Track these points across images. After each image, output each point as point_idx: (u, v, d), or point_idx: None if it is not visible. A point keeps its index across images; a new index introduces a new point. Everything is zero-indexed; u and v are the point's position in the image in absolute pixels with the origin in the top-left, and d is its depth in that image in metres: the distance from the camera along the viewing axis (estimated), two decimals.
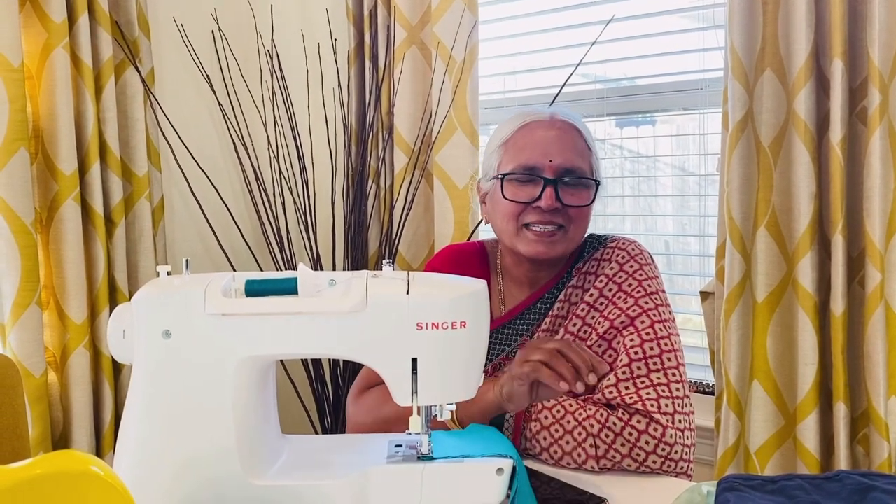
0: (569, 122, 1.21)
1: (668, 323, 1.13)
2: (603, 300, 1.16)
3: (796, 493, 0.78)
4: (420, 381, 0.80)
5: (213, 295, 0.77)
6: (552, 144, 1.18)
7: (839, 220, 1.45)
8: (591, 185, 1.20)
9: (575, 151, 1.19)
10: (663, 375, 1.07)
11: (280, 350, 0.79)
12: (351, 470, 0.81)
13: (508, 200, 1.19)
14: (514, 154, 1.21)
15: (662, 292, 1.17)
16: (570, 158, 1.18)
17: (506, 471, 0.83)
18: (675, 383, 1.07)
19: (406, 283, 0.80)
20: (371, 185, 2.12)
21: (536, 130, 1.20)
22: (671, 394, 1.06)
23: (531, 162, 1.18)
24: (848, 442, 1.48)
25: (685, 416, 1.06)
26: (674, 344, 1.11)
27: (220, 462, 0.77)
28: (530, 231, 1.19)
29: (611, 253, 1.21)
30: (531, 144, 1.19)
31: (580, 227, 1.21)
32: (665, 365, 1.08)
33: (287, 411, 2.13)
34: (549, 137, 1.19)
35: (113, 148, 1.82)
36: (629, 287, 1.15)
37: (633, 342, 1.10)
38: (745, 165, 1.58)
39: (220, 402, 0.77)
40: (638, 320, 1.12)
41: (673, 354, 1.10)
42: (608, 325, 1.13)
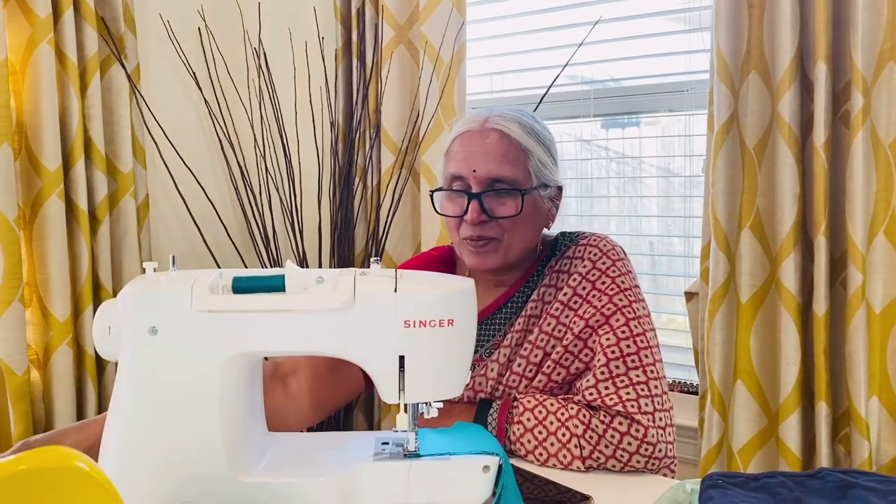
0: (499, 128, 1.17)
1: (643, 319, 1.13)
2: (577, 298, 1.16)
3: (779, 490, 0.79)
4: (407, 379, 0.80)
5: (200, 291, 0.77)
6: (477, 155, 1.16)
7: (822, 222, 1.47)
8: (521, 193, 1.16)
9: (502, 159, 1.15)
10: (642, 373, 1.08)
11: (267, 347, 0.79)
12: (338, 467, 0.81)
13: (441, 215, 1.20)
14: (446, 166, 1.21)
15: (636, 287, 1.17)
16: (494, 168, 1.15)
17: (492, 468, 0.83)
18: (654, 380, 1.08)
19: (394, 281, 0.80)
20: (358, 184, 2.12)
21: (467, 140, 1.18)
22: (650, 392, 1.06)
23: (457, 173, 1.17)
24: (830, 441, 1.50)
25: (665, 412, 1.06)
26: (649, 340, 1.11)
27: (206, 459, 0.77)
28: (467, 244, 1.18)
29: (583, 250, 1.20)
30: (459, 156, 1.18)
31: (517, 234, 1.18)
32: (643, 362, 1.08)
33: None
34: (476, 147, 1.16)
35: (98, 144, 1.80)
36: (602, 284, 1.15)
37: (609, 341, 1.10)
38: (730, 167, 1.60)
39: (206, 399, 0.77)
40: (613, 318, 1.12)
41: (649, 351, 1.10)
42: (583, 324, 1.13)
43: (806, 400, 1.55)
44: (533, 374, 1.16)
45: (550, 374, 1.14)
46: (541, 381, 1.14)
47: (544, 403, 1.08)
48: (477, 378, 1.19)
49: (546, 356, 1.15)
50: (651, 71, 1.95)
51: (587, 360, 1.12)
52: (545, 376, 1.14)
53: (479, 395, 1.19)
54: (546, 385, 1.14)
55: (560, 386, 1.14)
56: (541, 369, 1.15)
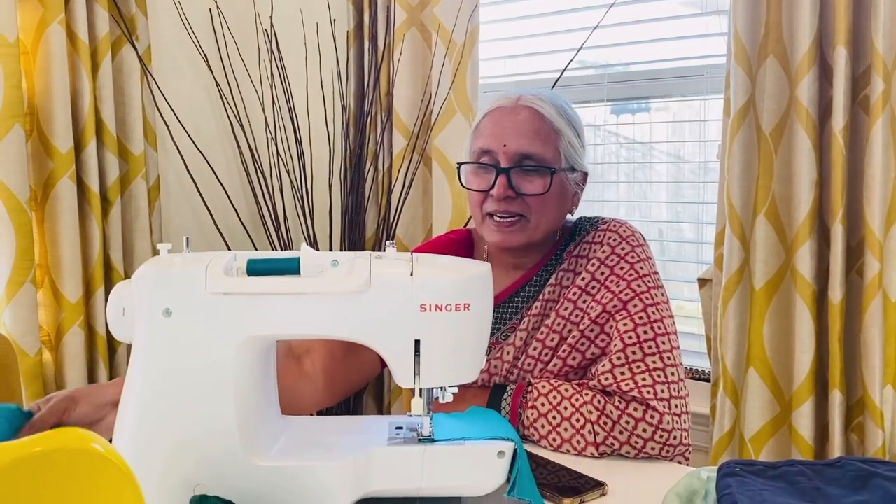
0: (532, 106, 1.17)
1: (661, 306, 1.13)
2: (595, 284, 1.15)
3: (798, 478, 0.78)
4: (422, 364, 0.80)
5: (215, 273, 0.77)
6: (508, 130, 1.15)
7: (839, 209, 1.45)
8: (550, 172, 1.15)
9: (534, 136, 1.15)
10: (658, 359, 1.07)
11: (282, 330, 0.78)
12: (352, 451, 0.81)
13: (468, 189, 1.19)
14: (475, 141, 1.20)
15: (655, 274, 1.16)
16: (525, 144, 1.14)
17: (507, 454, 0.83)
18: (670, 367, 1.07)
19: (410, 265, 0.79)
20: (369, 168, 2.11)
21: (498, 116, 1.18)
22: (666, 378, 1.06)
23: (486, 147, 1.16)
24: (843, 430, 1.49)
25: (681, 399, 1.06)
26: (667, 327, 1.10)
27: (220, 442, 0.77)
28: (492, 221, 1.17)
29: (602, 235, 1.19)
30: (489, 130, 1.17)
31: (544, 215, 1.17)
32: (660, 348, 1.08)
33: None
34: (507, 123, 1.16)
35: (109, 126, 1.80)
36: (621, 270, 1.14)
37: (626, 326, 1.09)
38: (746, 152, 1.58)
39: (220, 382, 0.77)
40: (630, 304, 1.11)
41: (666, 338, 1.09)
42: (600, 310, 1.13)
43: (819, 388, 1.54)
44: (548, 358, 1.15)
45: (566, 359, 1.14)
46: (556, 366, 1.14)
47: (559, 389, 1.07)
48: (493, 361, 1.18)
49: (562, 340, 1.15)
50: (666, 55, 1.92)
51: (603, 346, 1.11)
52: (561, 360, 1.14)
53: (495, 379, 1.19)
54: (561, 369, 1.14)
55: (575, 371, 1.14)
56: (556, 353, 1.15)
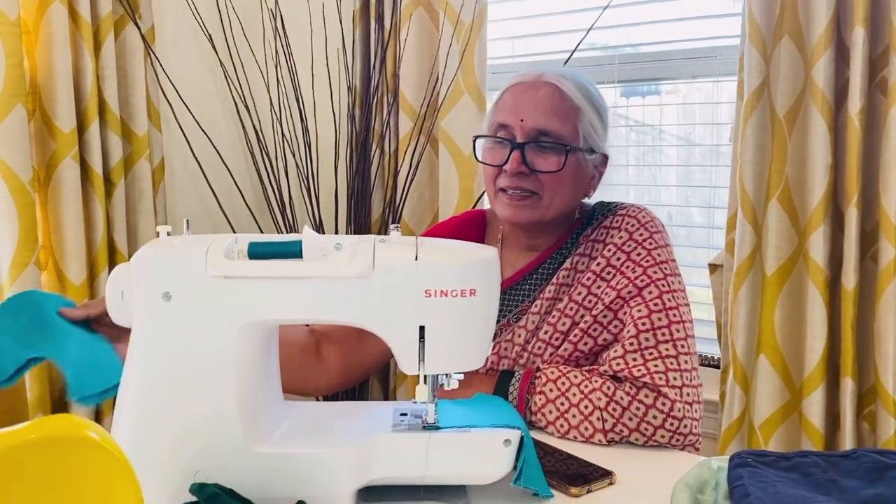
0: (553, 83, 1.15)
1: (678, 293, 1.10)
2: (610, 269, 1.13)
3: (812, 470, 0.76)
4: (427, 350, 0.78)
5: (215, 257, 0.75)
6: (527, 105, 1.14)
7: (854, 193, 1.42)
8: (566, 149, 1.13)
9: (552, 113, 1.13)
10: (672, 347, 1.05)
11: (283, 315, 0.77)
12: (355, 438, 0.79)
13: (481, 163, 1.19)
14: (493, 116, 1.19)
15: (673, 262, 1.14)
16: (542, 120, 1.13)
17: (513, 442, 0.81)
18: (684, 355, 1.05)
19: (415, 249, 0.77)
20: (375, 150, 2.08)
21: (518, 91, 1.17)
22: (679, 366, 1.04)
23: (504, 121, 1.15)
24: (854, 418, 1.47)
25: (693, 388, 1.04)
26: (682, 315, 1.08)
27: (221, 428, 0.75)
28: (504, 195, 1.16)
29: (620, 221, 1.17)
30: (508, 104, 1.16)
31: (558, 193, 1.15)
32: (674, 336, 1.06)
33: None
34: (527, 98, 1.15)
35: (112, 106, 1.78)
36: (638, 256, 1.12)
37: (640, 312, 1.07)
38: (760, 136, 1.55)
39: (221, 367, 0.75)
40: (646, 290, 1.09)
41: (681, 325, 1.07)
42: (615, 295, 1.11)
43: (831, 376, 1.51)
44: (559, 343, 1.13)
45: (577, 344, 1.12)
46: (566, 350, 1.12)
47: (567, 375, 1.05)
48: (503, 343, 1.17)
49: (574, 325, 1.13)
50: (678, 36, 1.88)
51: (616, 332, 1.10)
52: (571, 345, 1.12)
53: (504, 362, 1.17)
54: (572, 354, 1.12)
55: (586, 356, 1.12)
56: (567, 338, 1.13)
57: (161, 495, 0.74)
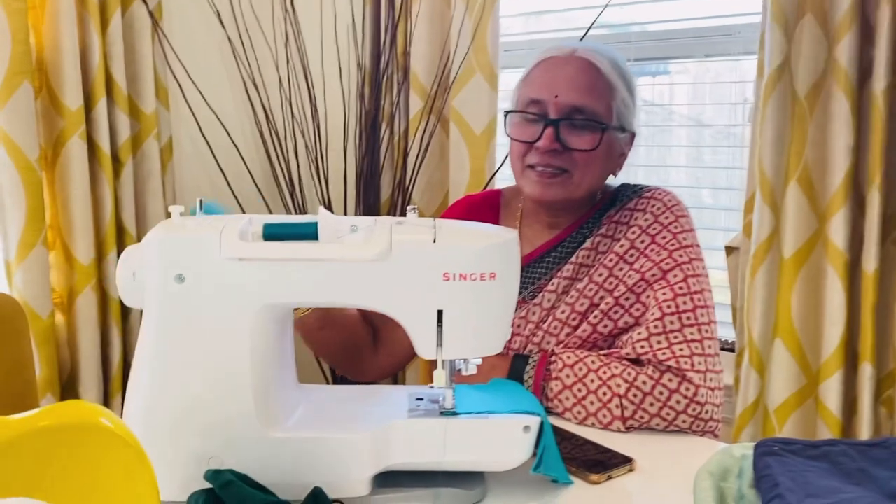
0: (587, 58, 1.13)
1: (702, 278, 1.09)
2: (634, 252, 1.11)
3: (841, 459, 0.74)
4: (445, 334, 0.76)
5: (230, 238, 0.73)
6: (561, 80, 1.12)
7: (877, 176, 1.39)
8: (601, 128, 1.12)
9: (587, 90, 1.11)
10: (696, 331, 1.03)
11: (299, 298, 0.75)
12: (371, 423, 0.78)
13: (512, 139, 1.16)
14: (524, 90, 1.16)
15: (697, 246, 1.12)
16: (577, 97, 1.10)
17: (533, 428, 0.80)
18: (708, 340, 1.04)
19: (433, 231, 0.75)
20: (385, 130, 2.05)
21: (551, 66, 1.14)
22: (704, 351, 1.02)
23: (536, 96, 1.12)
24: (872, 403, 1.45)
25: (716, 374, 1.02)
26: (706, 300, 1.07)
27: (235, 414, 0.74)
28: (533, 172, 1.14)
29: (646, 203, 1.15)
30: (540, 80, 1.14)
31: (589, 172, 1.14)
32: (698, 320, 1.04)
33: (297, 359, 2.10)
34: (561, 73, 1.12)
35: (120, 84, 1.75)
36: (663, 239, 1.10)
37: (665, 296, 1.06)
38: (779, 116, 1.51)
39: (236, 351, 0.73)
40: (671, 273, 1.07)
41: (706, 311, 1.06)
42: (638, 278, 1.09)
43: (848, 360, 1.49)
44: (577, 323, 1.11)
45: (597, 326, 1.10)
46: (585, 332, 1.10)
47: (585, 360, 1.04)
48: (516, 321, 1.15)
49: (593, 307, 1.11)
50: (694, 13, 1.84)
51: (637, 315, 1.08)
52: (591, 327, 1.10)
53: (517, 339, 1.15)
54: (590, 336, 1.10)
55: (605, 338, 1.10)
56: (586, 319, 1.11)
57: (174, 481, 0.73)
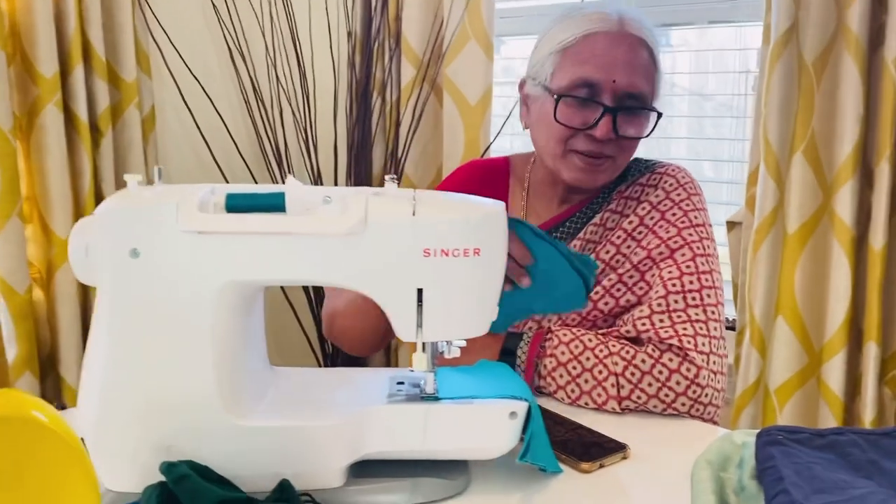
0: (639, 36, 1.05)
1: (711, 258, 1.03)
2: (643, 229, 1.06)
3: (850, 449, 0.69)
4: (426, 315, 0.70)
5: (188, 209, 0.67)
6: (618, 62, 1.03)
7: (887, 147, 1.33)
8: (652, 114, 1.06)
9: (641, 73, 1.04)
10: (702, 312, 0.98)
11: (266, 275, 0.69)
12: (347, 409, 0.72)
13: (560, 124, 1.05)
14: (573, 67, 1.05)
15: (709, 226, 1.07)
16: (634, 82, 1.03)
17: (519, 414, 0.74)
18: (714, 322, 0.98)
19: (412, 203, 0.69)
20: (376, 99, 1.98)
21: (602, 42, 1.04)
22: (709, 332, 0.97)
23: (591, 79, 1.03)
24: (876, 383, 1.40)
25: (719, 358, 0.97)
26: (714, 281, 1.01)
27: (197, 400, 0.68)
28: (577, 157, 1.06)
29: (658, 179, 1.09)
30: (594, 58, 1.03)
31: (629, 156, 1.10)
32: (704, 301, 0.99)
33: (287, 338, 2.06)
34: (615, 53, 1.03)
35: (98, 50, 1.68)
36: (673, 216, 1.05)
37: (671, 273, 1.00)
38: (786, 85, 1.44)
39: (196, 333, 0.68)
40: (679, 252, 1.02)
41: (713, 291, 1.00)
42: (644, 255, 1.03)
43: (853, 339, 1.44)
44: None
45: (597, 303, 1.05)
46: (585, 308, 1.05)
47: (581, 338, 0.98)
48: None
49: (596, 283, 1.05)
50: None
51: (640, 294, 1.02)
52: (591, 303, 1.05)
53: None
54: (590, 313, 1.05)
55: (605, 317, 1.05)
56: None
57: (133, 473, 0.67)
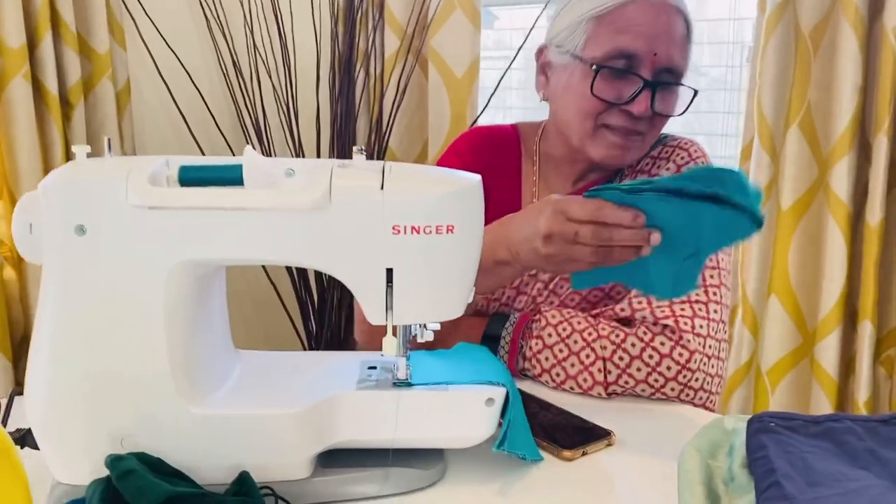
0: (676, 5, 0.99)
1: None
2: None
3: (846, 437, 0.65)
4: (396, 296, 0.65)
5: (138, 183, 0.62)
6: (661, 34, 0.96)
7: (885, 118, 1.28)
8: (688, 92, 1.00)
9: (680, 46, 0.98)
10: (703, 293, 0.93)
11: (222, 254, 0.64)
12: (313, 396, 0.68)
13: (595, 97, 0.98)
14: (610, 36, 0.97)
15: None
16: (674, 56, 0.97)
17: (497, 401, 0.70)
18: (714, 304, 0.93)
19: (381, 176, 0.64)
20: (359, 72, 1.92)
21: (643, 11, 0.97)
22: (708, 314, 0.92)
23: (630, 50, 0.96)
24: (871, 363, 1.37)
25: (717, 342, 0.92)
26: (719, 262, 0.96)
27: (151, 387, 0.63)
28: (610, 133, 0.99)
29: (670, 152, 1.04)
30: (635, 28, 0.96)
31: (657, 133, 1.04)
32: (707, 282, 0.94)
33: (271, 321, 2.01)
34: (657, 24, 0.96)
35: (67, 19, 1.61)
36: None
37: None
38: (782, 55, 1.39)
39: (148, 315, 0.63)
40: None
41: (717, 273, 0.95)
42: None
43: (847, 319, 1.40)
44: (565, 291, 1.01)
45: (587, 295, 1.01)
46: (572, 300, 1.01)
47: (570, 320, 0.94)
48: (525, 278, 1.03)
49: None
50: None
51: None
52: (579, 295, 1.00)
53: (522, 298, 1.05)
54: (591, 293, 1.01)
55: (602, 299, 1.01)
56: None
57: (84, 465, 0.63)
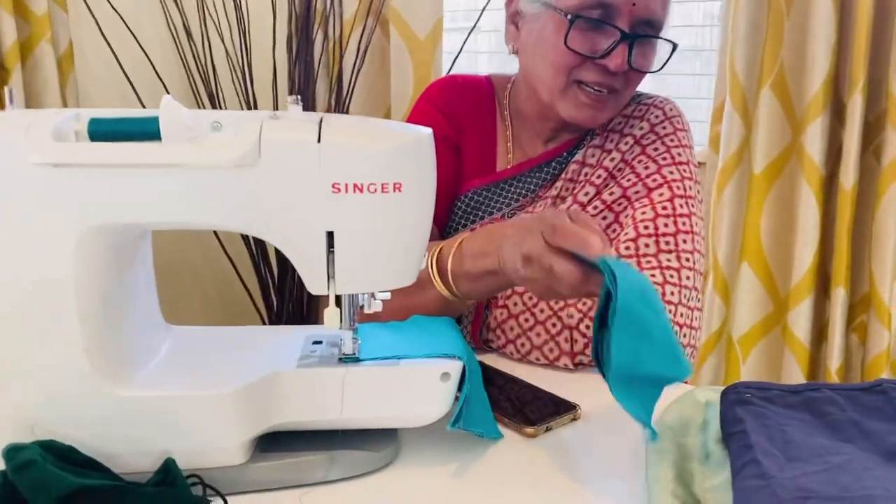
0: None
1: (692, 201, 0.92)
2: (622, 165, 0.95)
3: (827, 408, 0.60)
4: (338, 263, 0.59)
5: (41, 138, 0.54)
6: None
7: (860, 77, 1.24)
8: (667, 46, 0.93)
9: None
10: (675, 259, 0.88)
11: (140, 217, 0.57)
12: (248, 374, 0.62)
13: (568, 49, 0.90)
14: None
15: (694, 165, 0.95)
16: (654, 8, 0.90)
17: (453, 376, 0.64)
18: (687, 270, 0.88)
19: (317, 128, 0.57)
20: (317, 33, 1.83)
21: None
22: (680, 281, 0.87)
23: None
24: (843, 330, 1.34)
25: (689, 310, 0.87)
26: (693, 225, 0.91)
27: (62, 366, 0.57)
28: (582, 92, 0.92)
29: (644, 110, 0.97)
30: None
31: (632, 91, 0.96)
32: (678, 247, 0.88)
33: (229, 295, 1.94)
34: None
35: None
36: (654, 151, 0.93)
37: (644, 215, 0.89)
38: (754, 11, 1.34)
39: (56, 286, 0.56)
40: (656, 192, 0.91)
41: (690, 237, 0.90)
42: (620, 194, 0.92)
43: (819, 285, 1.37)
44: None
45: None
46: None
47: None
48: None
49: None
50: None
51: (613, 237, 0.91)
52: None
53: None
54: None
55: None
56: None
57: None
